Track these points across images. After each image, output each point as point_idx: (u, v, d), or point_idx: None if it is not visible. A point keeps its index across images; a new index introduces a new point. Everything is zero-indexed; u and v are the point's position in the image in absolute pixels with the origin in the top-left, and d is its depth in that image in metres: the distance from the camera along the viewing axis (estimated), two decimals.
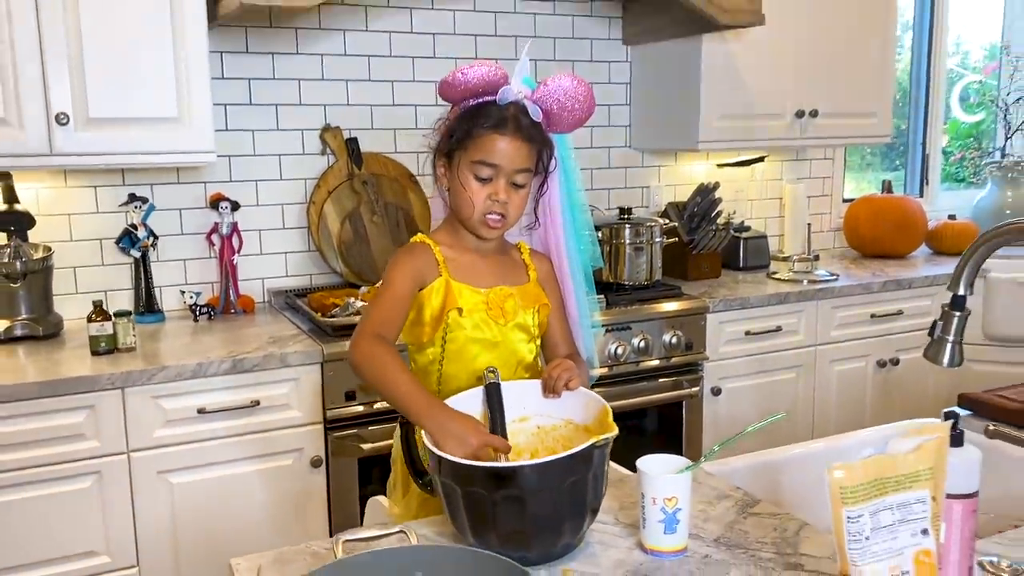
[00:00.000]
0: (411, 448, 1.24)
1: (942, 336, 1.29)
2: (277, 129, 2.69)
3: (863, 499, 0.86)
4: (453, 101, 1.38)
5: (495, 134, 1.32)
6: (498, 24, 2.95)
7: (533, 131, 1.34)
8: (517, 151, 1.33)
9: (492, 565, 0.85)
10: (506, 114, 1.33)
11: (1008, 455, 1.49)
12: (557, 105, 1.33)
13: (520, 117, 1.33)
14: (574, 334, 1.48)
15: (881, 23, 3.24)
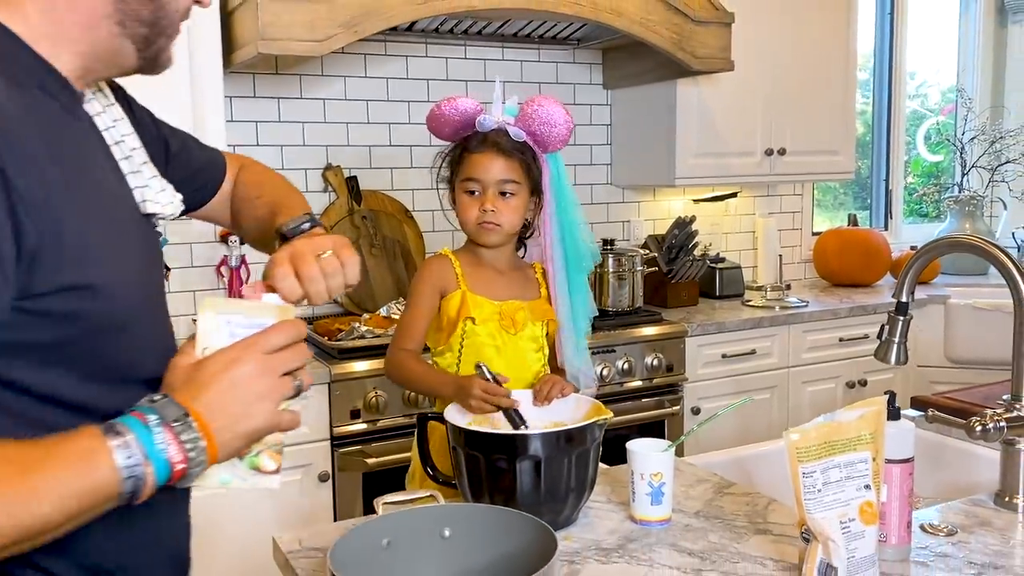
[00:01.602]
0: (423, 442, 1.41)
1: (889, 338, 1.48)
2: (282, 168, 2.87)
3: (815, 457, 1.03)
4: (440, 135, 1.60)
5: (476, 154, 1.55)
6: (487, 70, 3.16)
7: (514, 148, 1.53)
8: (497, 165, 1.54)
9: (517, 521, 1.01)
10: (486, 137, 1.53)
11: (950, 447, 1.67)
12: (539, 124, 1.53)
13: (499, 138, 1.54)
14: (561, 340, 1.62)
15: (842, 68, 3.49)
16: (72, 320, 0.77)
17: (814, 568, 1.04)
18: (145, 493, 0.76)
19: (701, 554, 1.17)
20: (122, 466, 0.74)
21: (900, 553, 1.15)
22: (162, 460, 0.76)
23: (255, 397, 0.82)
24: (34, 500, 0.70)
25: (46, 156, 0.75)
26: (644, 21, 2.67)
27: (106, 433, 0.75)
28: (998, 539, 1.21)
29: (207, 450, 0.79)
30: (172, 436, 0.77)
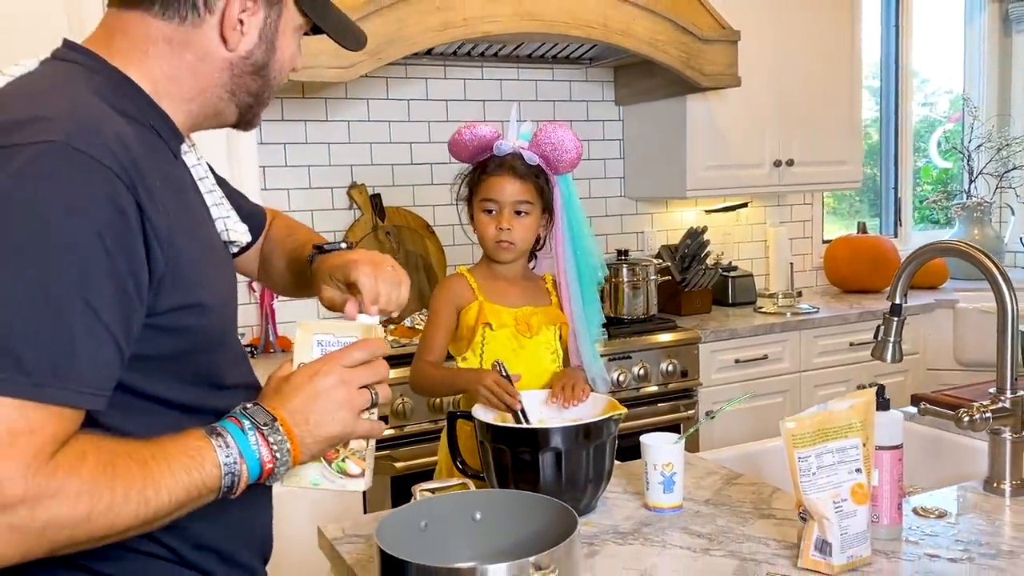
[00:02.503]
0: (453, 439, 1.53)
1: (884, 338, 1.58)
2: (310, 187, 3.01)
3: (810, 444, 1.14)
4: (460, 158, 1.73)
5: (493, 176, 1.68)
6: (503, 90, 3.29)
7: (528, 171, 1.66)
8: (513, 187, 1.67)
9: (540, 504, 1.13)
10: (503, 161, 1.66)
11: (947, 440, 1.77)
12: (551, 149, 1.65)
13: (515, 162, 1.67)
14: (571, 344, 1.74)
15: (847, 79, 3.59)
16: (184, 334, 0.89)
17: (811, 544, 1.15)
18: (239, 487, 0.88)
19: (709, 536, 1.28)
20: (223, 463, 0.85)
21: (892, 532, 1.25)
22: (255, 459, 0.87)
23: (335, 406, 0.93)
24: (151, 489, 0.80)
25: (164, 191, 0.87)
26: (653, 41, 2.79)
27: (209, 435, 0.86)
28: (985, 520, 1.31)
29: (291, 452, 0.90)
30: (263, 439, 0.88)
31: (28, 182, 0.76)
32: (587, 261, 1.74)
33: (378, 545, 1.00)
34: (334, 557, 1.30)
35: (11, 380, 0.73)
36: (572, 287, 1.74)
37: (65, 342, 0.76)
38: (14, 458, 0.73)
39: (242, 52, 0.98)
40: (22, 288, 0.74)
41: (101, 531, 0.78)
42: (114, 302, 0.79)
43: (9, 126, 0.80)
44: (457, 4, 2.47)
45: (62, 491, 0.75)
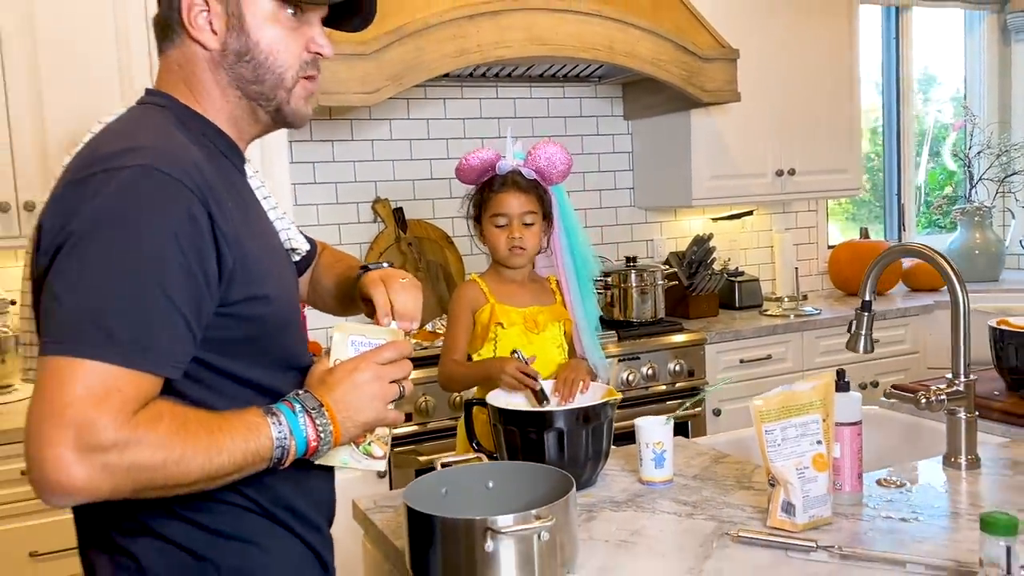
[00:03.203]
0: (469, 423, 1.72)
1: (856, 331, 1.75)
2: (337, 202, 3.22)
3: (775, 419, 1.32)
4: (467, 181, 1.94)
5: (500, 193, 1.89)
6: (517, 107, 3.50)
7: (529, 185, 1.87)
8: (519, 200, 1.89)
9: (543, 473, 1.31)
10: (506, 179, 1.87)
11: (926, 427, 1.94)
12: (544, 163, 1.86)
13: (517, 178, 1.88)
14: (579, 336, 1.95)
15: (846, 91, 3.76)
16: (254, 321, 1.08)
17: (778, 506, 1.33)
18: (288, 460, 1.04)
19: (694, 504, 1.46)
20: (275, 437, 1.02)
21: (853, 499, 1.42)
22: (301, 437, 1.04)
23: (369, 397, 1.10)
24: (215, 451, 0.97)
25: (231, 202, 1.06)
26: (656, 61, 2.98)
27: (266, 414, 1.03)
28: (939, 490, 1.48)
29: (333, 433, 1.07)
30: (310, 420, 1.05)
31: (123, 197, 0.96)
32: (583, 259, 1.94)
33: (406, 504, 1.20)
34: (367, 525, 1.50)
35: (104, 350, 0.92)
36: (571, 283, 1.95)
37: (146, 322, 0.95)
38: (107, 411, 0.91)
39: (217, 46, 1.11)
40: (115, 280, 0.94)
41: (173, 479, 0.95)
42: (187, 292, 0.97)
43: (109, 156, 1.00)
44: (471, 32, 2.67)
45: (142, 441, 0.92)
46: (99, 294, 0.94)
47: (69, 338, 0.92)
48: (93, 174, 0.98)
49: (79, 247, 0.95)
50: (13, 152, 2.47)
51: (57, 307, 0.94)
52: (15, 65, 2.46)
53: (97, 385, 0.91)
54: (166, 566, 1.06)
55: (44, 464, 0.89)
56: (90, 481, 0.90)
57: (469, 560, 1.14)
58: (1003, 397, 1.92)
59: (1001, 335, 1.96)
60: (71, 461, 0.89)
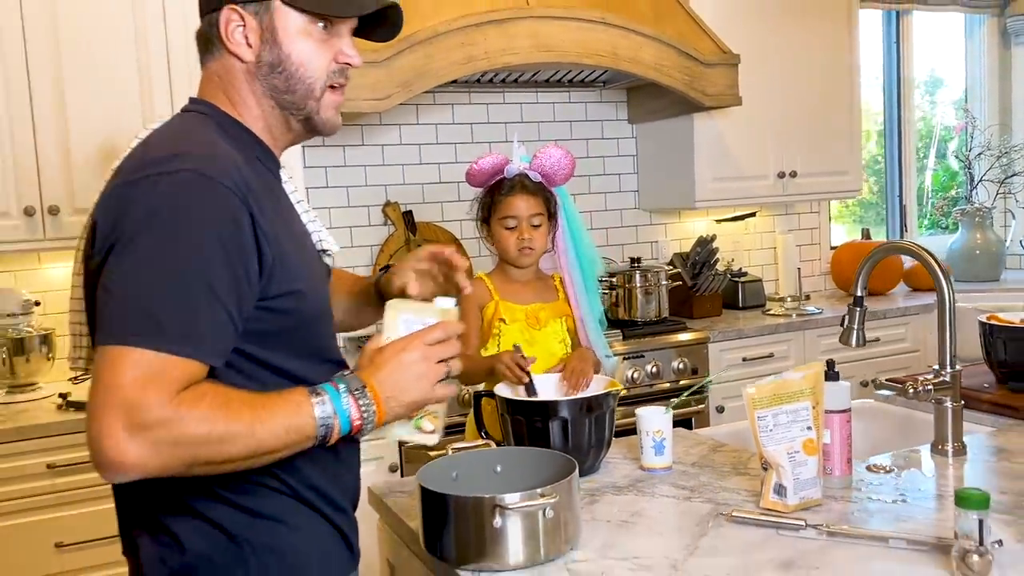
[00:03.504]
0: (478, 414, 1.81)
1: (849, 325, 1.83)
2: (348, 206, 3.31)
3: (767, 406, 1.40)
4: (476, 184, 2.03)
5: (510, 196, 1.98)
6: (524, 112, 3.58)
7: (536, 188, 1.95)
8: (528, 203, 1.98)
9: (548, 457, 1.39)
10: (514, 182, 1.96)
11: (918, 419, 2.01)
12: (549, 167, 1.95)
13: (524, 181, 1.96)
14: (580, 330, 2.03)
15: (847, 94, 3.83)
16: (290, 314, 1.15)
17: (770, 488, 1.40)
18: (332, 438, 1.10)
19: (692, 488, 1.54)
20: (318, 416, 1.08)
21: (843, 482, 1.50)
22: (345, 416, 1.10)
23: (415, 377, 1.15)
24: (259, 426, 1.04)
25: (268, 203, 1.14)
26: (659, 67, 3.06)
27: (311, 393, 1.09)
28: (926, 475, 1.56)
29: (376, 413, 1.12)
30: (353, 400, 1.11)
31: (171, 200, 1.05)
32: (587, 257, 2.03)
33: (420, 484, 1.28)
34: (382, 508, 1.58)
35: (153, 338, 1.00)
36: (576, 280, 2.04)
37: (192, 314, 1.03)
38: (153, 392, 0.98)
39: (252, 58, 1.19)
40: (164, 276, 1.02)
41: (219, 453, 1.03)
42: (229, 287, 1.05)
43: (158, 160, 1.09)
44: (479, 40, 2.76)
45: (185, 417, 1.00)
46: (149, 289, 1.02)
47: (121, 329, 1.01)
48: (145, 176, 1.07)
49: (130, 246, 1.03)
50: (38, 158, 2.57)
51: (110, 301, 1.03)
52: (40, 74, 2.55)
53: (145, 370, 0.99)
54: (205, 544, 1.13)
55: (100, 443, 0.98)
56: (140, 458, 0.98)
57: (479, 536, 1.22)
58: (992, 389, 2.00)
59: (991, 330, 2.03)
60: (123, 439, 0.97)
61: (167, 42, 2.68)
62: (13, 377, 2.68)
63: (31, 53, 2.53)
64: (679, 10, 3.22)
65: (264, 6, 1.18)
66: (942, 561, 1.18)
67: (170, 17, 2.67)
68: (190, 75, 2.70)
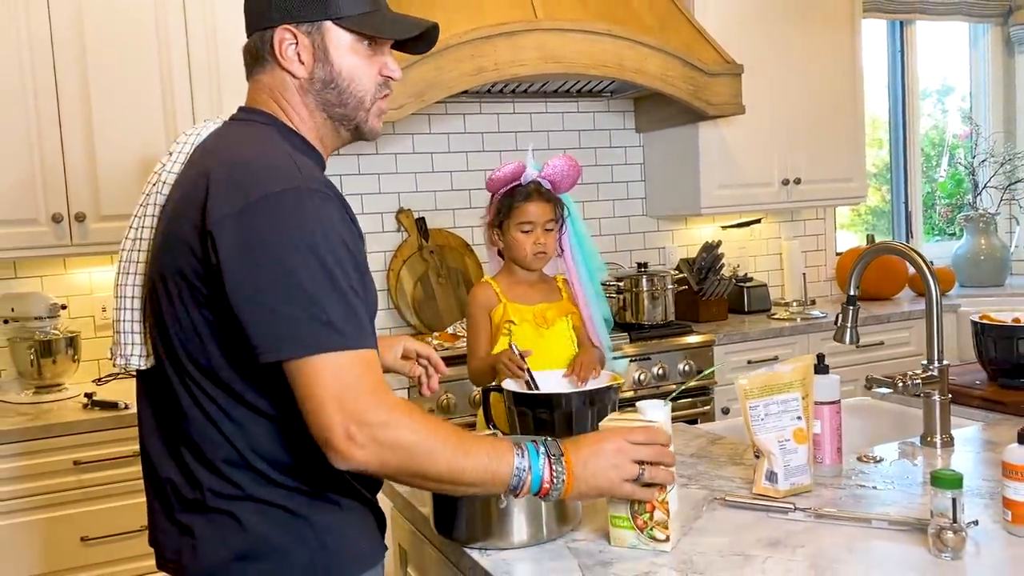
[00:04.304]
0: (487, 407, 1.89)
1: (843, 324, 1.90)
2: (362, 213, 3.41)
3: (759, 396, 1.47)
4: (494, 190, 2.12)
5: (527, 203, 2.07)
6: (533, 122, 3.68)
7: (548, 195, 2.05)
8: (543, 209, 2.08)
9: None
10: (530, 189, 2.06)
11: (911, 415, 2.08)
12: (558, 175, 2.05)
13: (540, 189, 2.05)
14: (590, 328, 2.12)
15: (850, 102, 3.91)
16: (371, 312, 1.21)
17: (762, 475, 1.48)
18: (522, 493, 1.18)
19: (689, 476, 1.62)
20: (516, 466, 1.17)
21: (833, 471, 1.57)
22: (538, 475, 1.18)
23: (609, 466, 1.22)
24: (462, 453, 1.13)
25: None
26: (664, 77, 3.15)
27: (513, 447, 1.18)
28: (913, 465, 1.63)
29: (565, 483, 1.19)
30: (549, 464, 1.19)
31: (294, 217, 1.12)
32: (592, 261, 2.13)
33: None
34: (395, 496, 1.66)
35: (337, 341, 1.09)
36: (584, 282, 2.13)
37: (351, 311, 1.12)
38: (365, 392, 1.09)
39: (305, 75, 1.26)
40: (316, 284, 1.10)
41: (423, 466, 1.11)
42: (360, 284, 1.15)
43: (262, 182, 1.14)
44: (488, 51, 2.85)
45: (401, 423, 1.09)
46: (308, 298, 1.09)
47: (303, 341, 1.09)
48: (261, 199, 1.12)
49: (270, 267, 1.10)
50: (66, 167, 2.68)
51: (275, 319, 1.10)
52: (67, 86, 2.67)
53: (347, 372, 1.09)
54: (266, 522, 1.19)
55: (329, 444, 1.08)
56: (364, 454, 1.08)
57: (485, 517, 1.30)
58: (984, 386, 2.06)
59: (982, 328, 2.10)
60: (351, 432, 1.07)
61: (189, 55, 2.79)
62: (40, 378, 2.78)
63: (59, 66, 2.65)
64: (683, 21, 3.31)
65: (316, 26, 1.25)
66: (921, 540, 1.25)
67: (192, 31, 2.78)
68: (210, 87, 2.81)
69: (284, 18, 1.25)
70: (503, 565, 1.27)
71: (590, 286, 2.13)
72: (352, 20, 1.26)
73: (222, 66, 2.80)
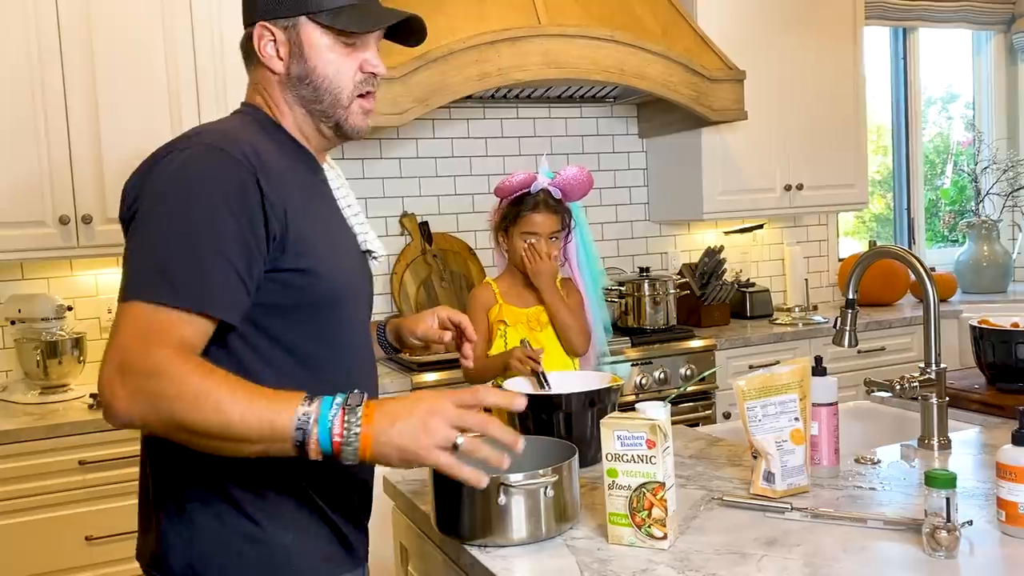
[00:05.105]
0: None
1: (842, 327, 1.91)
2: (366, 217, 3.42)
3: (756, 397, 1.49)
4: (503, 196, 2.15)
5: (533, 213, 2.10)
6: (536, 127, 3.70)
7: (556, 205, 2.08)
8: (548, 220, 2.10)
9: (551, 446, 1.48)
10: (538, 199, 2.09)
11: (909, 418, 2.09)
12: (569, 185, 2.07)
13: (547, 199, 2.09)
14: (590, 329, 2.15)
15: (852, 108, 3.92)
16: (302, 291, 1.23)
17: (760, 476, 1.49)
18: (310, 449, 1.05)
19: (687, 477, 1.63)
20: (297, 417, 1.05)
21: (831, 472, 1.59)
22: (326, 428, 1.04)
23: (421, 426, 1.06)
24: (235, 403, 1.03)
25: (289, 184, 1.21)
26: (666, 83, 3.17)
27: (304, 397, 1.07)
28: (910, 466, 1.64)
29: (360, 437, 1.05)
30: (341, 414, 1.05)
31: (183, 170, 1.15)
32: (595, 268, 2.15)
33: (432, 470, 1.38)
34: (396, 495, 1.68)
35: (159, 292, 1.08)
36: (589, 289, 2.15)
37: (200, 271, 1.10)
38: (147, 343, 1.05)
39: (282, 70, 1.28)
40: (174, 238, 1.12)
41: (185, 417, 1.03)
42: (237, 247, 1.13)
43: (178, 140, 1.22)
44: (492, 57, 2.88)
45: (169, 371, 1.04)
46: (160, 249, 1.11)
47: (133, 287, 1.10)
48: (164, 155, 1.19)
49: (146, 214, 1.15)
50: (73, 170, 2.70)
51: (127, 265, 1.13)
52: (75, 90, 2.70)
53: (146, 321, 1.07)
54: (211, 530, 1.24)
55: (102, 388, 1.06)
56: (125, 402, 1.04)
57: (485, 513, 1.32)
58: (982, 390, 2.08)
59: (981, 333, 2.11)
60: (115, 384, 1.04)
61: (195, 57, 2.81)
62: (46, 378, 2.81)
63: (67, 68, 2.68)
64: (686, 27, 3.33)
65: (292, 22, 1.27)
66: (916, 539, 1.26)
67: (198, 34, 2.81)
68: (216, 89, 2.83)
69: (264, 15, 1.28)
70: (503, 562, 1.28)
71: (592, 292, 2.16)
72: (327, 15, 1.27)
73: (228, 69, 2.83)
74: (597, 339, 2.16)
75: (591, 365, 2.22)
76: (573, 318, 2.17)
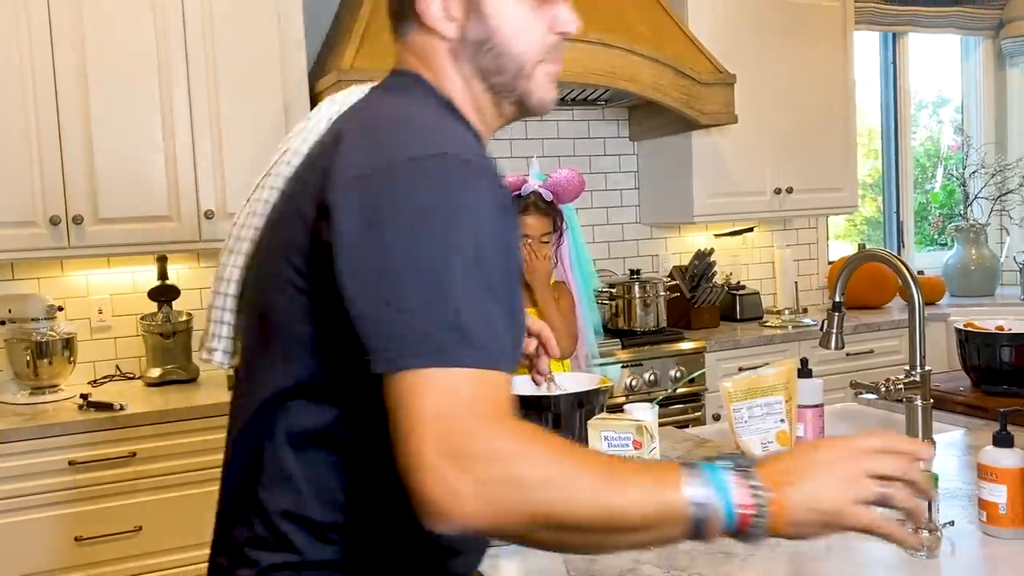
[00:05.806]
0: None
1: (828, 330, 1.93)
2: None
3: (742, 398, 1.51)
4: None
5: (524, 215, 2.09)
6: (528, 129, 3.71)
7: (547, 207, 2.09)
8: (539, 223, 2.11)
9: None
10: (528, 201, 2.10)
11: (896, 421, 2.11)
12: (560, 187, 2.08)
13: (537, 201, 2.10)
14: (580, 332, 2.17)
15: (841, 112, 3.95)
16: None
17: None
18: (709, 528, 0.79)
19: None
20: (693, 492, 0.78)
21: None
22: (727, 497, 0.78)
23: (834, 482, 0.81)
24: (616, 482, 0.77)
25: None
26: (656, 86, 3.19)
27: (679, 466, 0.81)
28: None
29: (771, 502, 0.79)
30: (738, 479, 0.79)
31: (443, 190, 0.85)
32: (587, 270, 2.17)
33: None
34: None
35: (461, 354, 0.80)
36: (580, 291, 2.17)
37: (492, 322, 0.83)
38: (481, 418, 0.77)
39: (455, 35, 0.98)
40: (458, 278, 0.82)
41: (561, 507, 0.77)
42: (509, 292, 0.87)
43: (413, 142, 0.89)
44: None
45: (520, 452, 0.77)
46: (443, 297, 0.81)
47: (421, 350, 0.80)
48: (405, 162, 0.86)
49: (402, 249, 0.83)
50: (64, 170, 2.70)
51: (399, 318, 0.81)
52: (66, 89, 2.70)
53: (462, 392, 0.79)
54: None
55: (422, 485, 0.77)
56: (473, 500, 0.76)
57: None
58: (967, 393, 2.10)
59: (966, 336, 2.13)
60: (447, 477, 0.76)
61: (187, 57, 2.82)
62: (36, 379, 2.81)
63: (59, 69, 2.68)
64: (677, 31, 3.35)
65: None
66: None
67: (190, 34, 2.81)
68: (207, 91, 2.84)
69: None
70: (489, 562, 1.29)
71: (583, 294, 2.17)
72: None
73: (220, 70, 2.83)
74: (588, 341, 2.17)
75: (581, 367, 2.24)
76: (561, 321, 2.19)
